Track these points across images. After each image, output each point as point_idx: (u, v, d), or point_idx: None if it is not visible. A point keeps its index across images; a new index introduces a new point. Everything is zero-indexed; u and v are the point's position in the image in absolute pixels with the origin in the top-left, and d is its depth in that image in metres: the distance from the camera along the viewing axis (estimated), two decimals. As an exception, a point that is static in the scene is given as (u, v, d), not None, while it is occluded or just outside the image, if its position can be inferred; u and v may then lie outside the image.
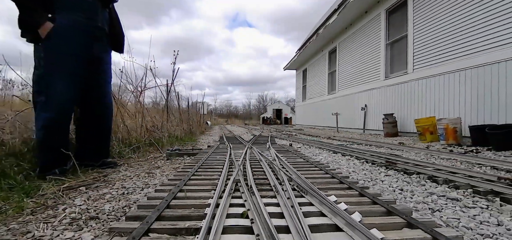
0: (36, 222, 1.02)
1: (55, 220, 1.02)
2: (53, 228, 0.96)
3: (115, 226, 0.80)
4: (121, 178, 1.74)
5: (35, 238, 0.88)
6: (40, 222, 1.01)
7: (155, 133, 3.63)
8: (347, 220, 0.78)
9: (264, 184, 1.29)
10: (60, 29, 1.77)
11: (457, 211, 1.09)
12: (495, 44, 3.75)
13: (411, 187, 1.47)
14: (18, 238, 0.88)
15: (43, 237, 0.89)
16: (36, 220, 1.04)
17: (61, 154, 1.82)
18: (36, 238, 0.88)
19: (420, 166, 1.97)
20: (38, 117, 1.78)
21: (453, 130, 4.02)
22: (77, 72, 1.86)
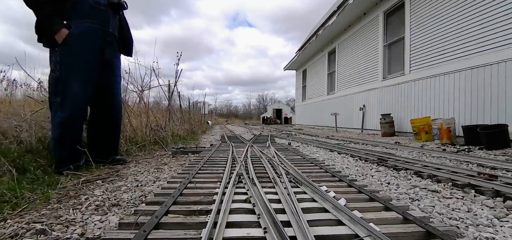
0: (65, 209, 1.17)
1: (82, 207, 1.17)
2: (82, 213, 1.11)
3: (139, 209, 0.95)
4: (132, 173, 1.89)
5: (68, 221, 1.03)
6: (68, 209, 1.16)
7: (159, 132, 3.78)
8: (334, 204, 0.93)
9: (264, 177, 1.44)
10: (75, 35, 1.92)
11: (434, 201, 1.24)
12: (488, 46, 3.90)
13: (397, 181, 1.62)
14: (53, 221, 1.03)
15: (74, 219, 1.04)
16: (64, 207, 1.19)
17: (76, 151, 1.97)
18: (69, 221, 1.03)
19: (410, 163, 2.13)
20: (55, 116, 1.94)
21: (447, 130, 4.17)
22: (90, 75, 2.01)
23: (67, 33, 1.89)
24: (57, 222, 1.01)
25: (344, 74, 8.63)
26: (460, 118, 4.36)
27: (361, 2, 6.83)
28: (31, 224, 1.00)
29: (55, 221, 1.02)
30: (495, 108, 3.86)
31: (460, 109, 4.40)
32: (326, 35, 9.30)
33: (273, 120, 30.37)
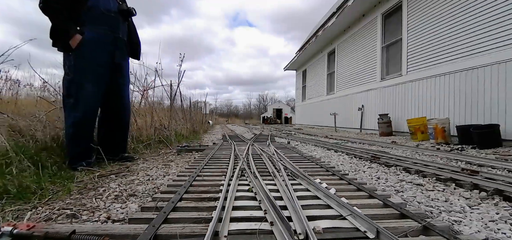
0: (87, 198, 1.32)
1: (102, 197, 1.32)
2: (103, 201, 1.26)
3: (156, 196, 1.10)
4: (142, 169, 2.04)
5: (93, 207, 1.18)
6: (90, 198, 1.31)
7: (163, 132, 3.93)
8: (325, 193, 1.08)
9: (264, 171, 1.59)
10: (88, 40, 2.07)
11: (417, 192, 1.39)
12: (482, 49, 4.05)
13: (387, 176, 1.77)
14: (80, 208, 1.18)
15: (98, 206, 1.19)
16: (86, 197, 1.34)
17: (88, 149, 2.12)
18: (94, 207, 1.18)
19: (401, 160, 2.27)
20: (68, 116, 2.08)
21: (442, 130, 4.32)
22: (102, 78, 2.16)
23: (80, 39, 2.04)
24: (84, 209, 1.16)
25: (343, 75, 8.78)
26: (455, 118, 4.50)
27: (360, 4, 6.97)
28: (61, 210, 1.15)
29: (82, 208, 1.17)
30: (488, 108, 4.00)
31: (455, 109, 4.54)
32: (326, 36, 9.45)
33: (273, 120, 30.51)
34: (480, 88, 4.12)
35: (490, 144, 3.62)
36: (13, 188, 1.35)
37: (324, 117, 10.24)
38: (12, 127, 2.30)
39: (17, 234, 0.75)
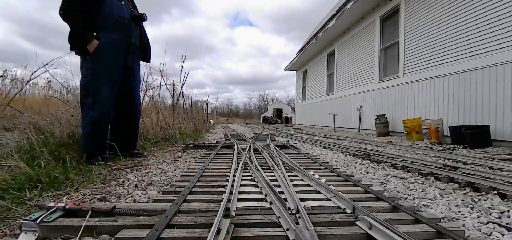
0: (111, 187, 1.52)
1: (124, 185, 1.52)
2: (125, 189, 1.46)
3: (173, 184, 1.30)
4: (153, 164, 2.24)
5: (118, 194, 1.38)
6: (114, 187, 1.51)
7: (167, 130, 4.13)
8: (316, 182, 1.27)
9: (265, 165, 1.79)
10: (104, 45, 2.26)
11: (399, 184, 1.59)
12: (474, 53, 4.23)
13: (375, 170, 1.97)
14: (107, 194, 1.38)
15: (122, 193, 1.39)
16: (110, 186, 1.54)
17: (103, 145, 2.32)
18: (119, 194, 1.38)
19: (391, 158, 2.47)
20: (86, 115, 2.28)
21: (435, 130, 4.51)
22: (116, 79, 2.36)
23: (97, 44, 2.23)
24: (110, 194, 1.36)
25: (343, 76, 8.96)
26: (448, 119, 4.69)
27: (359, 7, 7.15)
28: (92, 196, 1.35)
29: (109, 194, 1.37)
30: (480, 109, 4.19)
31: (449, 111, 4.73)
32: (326, 38, 9.63)
33: (274, 119, 30.71)
34: (472, 90, 4.30)
35: (480, 144, 3.81)
36: (45, 178, 1.56)
37: (323, 117, 10.43)
38: (33, 125, 2.50)
39: (69, 209, 0.95)
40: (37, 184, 1.51)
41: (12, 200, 1.29)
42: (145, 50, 2.63)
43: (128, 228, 0.81)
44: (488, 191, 1.40)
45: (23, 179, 1.47)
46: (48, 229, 0.84)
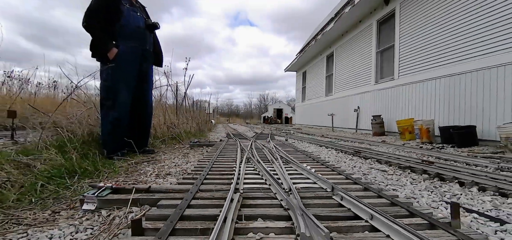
0: (135, 176, 1.81)
1: (146, 175, 1.82)
2: (148, 177, 1.75)
3: (190, 172, 1.60)
4: (165, 159, 2.54)
5: (143, 181, 1.67)
6: (138, 176, 1.81)
7: (173, 130, 4.42)
8: (307, 171, 1.57)
9: (265, 159, 2.09)
10: (122, 53, 2.56)
11: (378, 175, 1.88)
12: (463, 58, 4.52)
13: (361, 165, 2.26)
14: (134, 181, 1.67)
15: (147, 180, 1.68)
16: (134, 176, 1.83)
17: (122, 143, 2.61)
18: (144, 181, 1.67)
19: (379, 155, 2.76)
20: (106, 116, 2.57)
21: (426, 130, 4.80)
22: (132, 83, 2.65)
23: (116, 52, 2.53)
24: (137, 182, 1.66)
25: (341, 77, 9.25)
26: (439, 120, 4.97)
27: (357, 11, 7.44)
28: (123, 182, 1.64)
29: (136, 181, 1.66)
30: (468, 111, 4.48)
31: (440, 112, 5.02)
32: (325, 40, 9.92)
33: (274, 119, 31.01)
34: (461, 92, 4.59)
35: (467, 143, 4.10)
36: (79, 169, 1.85)
37: (322, 118, 10.72)
38: (57, 124, 2.80)
39: (115, 188, 1.24)
40: (73, 174, 1.80)
41: (58, 185, 1.58)
42: (158, 56, 2.93)
43: (164, 200, 1.10)
44: (451, 180, 1.69)
45: (62, 170, 1.77)
46: (102, 202, 1.14)
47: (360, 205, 0.94)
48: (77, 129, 2.84)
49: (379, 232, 0.79)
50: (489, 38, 4.09)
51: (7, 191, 1.43)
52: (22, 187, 1.51)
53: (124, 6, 2.59)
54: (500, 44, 3.91)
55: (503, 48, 3.87)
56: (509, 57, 3.80)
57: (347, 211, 0.97)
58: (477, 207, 1.22)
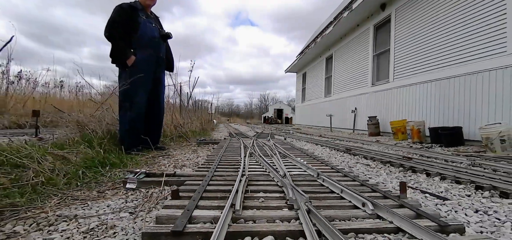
0: (156, 167, 2.16)
1: (165, 166, 2.17)
2: (167, 168, 2.10)
3: (201, 164, 1.95)
4: (177, 154, 2.89)
5: (160, 170, 2.01)
6: (158, 167, 2.15)
7: (180, 129, 4.78)
8: (301, 163, 1.92)
9: (265, 154, 2.44)
10: (139, 60, 2.91)
11: (361, 168, 2.23)
12: (451, 63, 4.86)
13: (349, 160, 2.61)
14: (155, 170, 2.02)
15: (166, 170, 2.02)
16: (154, 166, 2.18)
17: (138, 139, 2.96)
18: (160, 170, 2.01)
19: (368, 152, 3.11)
20: (124, 116, 2.92)
21: (417, 131, 5.14)
22: (148, 87, 3.00)
23: (134, 59, 2.88)
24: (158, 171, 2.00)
25: (340, 79, 9.60)
26: (431, 121, 5.32)
27: (354, 15, 7.78)
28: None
29: (156, 171, 2.01)
30: (456, 113, 4.82)
31: (430, 113, 5.37)
32: (324, 43, 10.27)
33: (274, 120, 31.37)
34: (450, 95, 4.93)
35: (454, 143, 4.44)
36: (109, 161, 2.20)
37: (321, 118, 11.06)
38: (79, 123, 3.15)
39: (148, 172, 1.59)
40: (103, 165, 2.15)
41: (94, 173, 1.93)
42: (169, 62, 3.28)
43: (188, 181, 1.45)
44: (421, 172, 2.04)
45: (95, 161, 2.12)
46: (140, 183, 1.49)
47: (335, 184, 1.28)
48: (97, 127, 3.20)
49: (344, 200, 1.14)
50: (473, 46, 4.44)
51: (56, 176, 1.78)
52: (67, 174, 1.86)
53: (141, 18, 2.94)
54: (483, 52, 4.26)
55: (485, 56, 4.22)
56: (489, 64, 4.16)
57: (325, 189, 1.32)
58: (432, 191, 1.57)
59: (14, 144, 2.12)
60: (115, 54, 2.90)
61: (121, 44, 2.85)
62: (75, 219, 1.11)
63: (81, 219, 1.11)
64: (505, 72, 4.01)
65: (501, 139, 3.67)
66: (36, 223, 1.09)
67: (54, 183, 1.67)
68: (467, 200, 1.40)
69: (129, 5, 2.92)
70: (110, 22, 2.83)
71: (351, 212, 1.00)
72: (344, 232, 0.81)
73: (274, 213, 0.97)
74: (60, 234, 0.97)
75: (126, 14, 2.86)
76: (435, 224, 0.89)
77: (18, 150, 1.97)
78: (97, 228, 1.01)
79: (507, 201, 1.40)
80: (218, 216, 0.89)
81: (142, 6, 3.01)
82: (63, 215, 1.16)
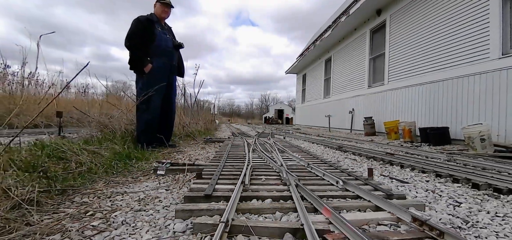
0: (172, 158, 2.56)
1: (180, 159, 2.57)
2: (183, 160, 2.51)
3: (211, 158, 2.36)
4: (188, 151, 3.30)
5: (178, 160, 2.42)
6: (174, 159, 2.56)
7: (187, 129, 5.19)
8: (296, 157, 2.33)
9: (266, 150, 2.85)
10: (155, 67, 3.32)
11: (348, 161, 2.63)
12: (441, 67, 5.25)
13: (340, 155, 3.01)
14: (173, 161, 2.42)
15: (180, 160, 2.43)
16: (171, 158, 2.59)
17: (154, 138, 3.38)
18: (178, 161, 2.42)
19: (358, 150, 3.50)
20: (141, 117, 3.33)
21: (409, 131, 5.54)
22: (162, 92, 3.41)
23: (150, 67, 3.29)
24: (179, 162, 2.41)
25: (338, 81, 10.00)
26: (421, 121, 5.71)
27: (352, 20, 8.18)
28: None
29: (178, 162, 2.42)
30: (444, 114, 5.21)
31: (421, 114, 5.76)
32: (323, 45, 10.67)
33: (275, 120, 31.78)
34: (439, 98, 5.33)
35: (441, 142, 4.83)
36: (134, 155, 2.62)
37: (321, 119, 11.46)
38: (100, 123, 3.57)
39: (173, 163, 2.00)
40: (130, 158, 2.56)
41: (124, 165, 2.34)
42: (180, 69, 3.70)
43: (205, 170, 1.86)
44: (397, 165, 2.44)
45: (123, 155, 2.53)
46: (167, 170, 1.90)
47: (319, 170, 1.69)
48: (116, 127, 3.62)
49: (325, 180, 1.55)
50: (460, 52, 4.84)
51: (94, 166, 2.20)
52: (103, 165, 2.27)
53: (157, 30, 3.36)
54: (468, 58, 4.65)
55: (470, 61, 4.62)
56: (474, 68, 4.55)
57: (312, 174, 1.73)
58: (399, 177, 1.97)
59: (55, 141, 2.54)
60: (134, 62, 3.31)
61: (139, 53, 3.25)
62: (126, 194, 1.52)
63: (130, 193, 1.52)
64: (487, 76, 4.41)
65: (481, 138, 4.06)
66: (97, 197, 1.50)
67: (94, 171, 2.09)
68: (424, 184, 1.80)
69: (146, 18, 3.33)
70: (129, 34, 3.24)
71: (327, 187, 1.41)
72: (320, 197, 1.21)
73: (272, 187, 1.38)
74: (120, 201, 1.38)
75: (143, 26, 3.27)
76: (384, 193, 1.30)
77: (60, 146, 2.39)
78: (145, 198, 1.42)
79: (456, 185, 1.80)
80: (233, 188, 1.30)
81: (157, 18, 3.43)
82: (115, 192, 1.57)
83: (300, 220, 0.95)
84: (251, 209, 1.07)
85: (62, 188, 1.61)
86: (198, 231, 0.90)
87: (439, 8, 5.32)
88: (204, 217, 0.98)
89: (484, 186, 1.68)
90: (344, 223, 0.87)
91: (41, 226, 1.04)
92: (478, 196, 1.54)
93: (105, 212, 1.21)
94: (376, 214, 1.05)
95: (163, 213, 1.17)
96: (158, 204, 1.30)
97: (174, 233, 0.93)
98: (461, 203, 1.39)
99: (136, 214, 1.17)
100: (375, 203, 1.15)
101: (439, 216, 1.17)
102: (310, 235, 0.80)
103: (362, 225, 0.96)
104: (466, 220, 1.15)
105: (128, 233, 0.97)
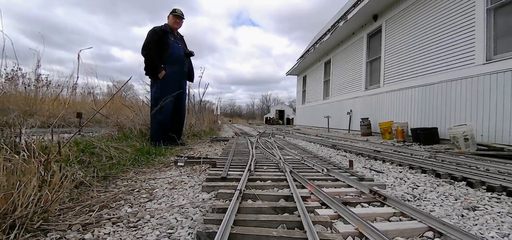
0: (184, 154, 2.99)
1: (193, 153, 3.00)
2: (198, 154, 2.93)
3: (220, 154, 2.79)
4: (197, 148, 3.72)
5: (190, 155, 2.85)
6: (187, 154, 2.98)
7: (193, 128, 5.62)
8: (292, 153, 2.75)
9: (267, 147, 3.27)
10: (168, 74, 3.74)
11: (339, 157, 3.05)
12: (432, 71, 5.65)
13: (332, 152, 3.43)
14: (185, 151, 2.85)
15: (193, 155, 2.85)
16: (184, 154, 3.01)
17: (165, 137, 3.80)
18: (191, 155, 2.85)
19: (350, 148, 3.92)
20: (154, 118, 3.75)
21: (401, 131, 5.94)
22: (174, 96, 3.84)
23: (164, 73, 3.72)
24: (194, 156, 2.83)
25: (337, 83, 10.41)
26: (413, 122, 6.11)
27: (350, 24, 8.58)
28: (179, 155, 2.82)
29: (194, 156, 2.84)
30: (435, 115, 5.61)
31: (414, 115, 6.16)
32: (322, 49, 11.08)
33: (276, 120, 32.21)
34: (430, 100, 5.72)
35: (430, 142, 5.24)
36: (152, 151, 3.04)
37: (320, 119, 11.87)
38: (118, 124, 4.00)
39: (190, 156, 2.42)
40: (150, 154, 2.99)
41: (146, 159, 2.77)
42: (190, 75, 4.13)
43: (218, 162, 2.28)
44: (379, 159, 2.85)
45: (144, 151, 2.96)
46: (186, 163, 2.32)
47: (311, 162, 2.11)
48: (133, 127, 4.05)
49: (314, 169, 1.97)
50: (449, 57, 5.25)
51: (122, 160, 2.62)
52: (128, 159, 2.69)
53: (170, 39, 3.79)
54: (456, 62, 5.06)
55: (458, 66, 5.02)
56: (461, 73, 4.96)
57: (304, 165, 2.15)
58: (377, 169, 2.38)
59: (86, 139, 2.97)
60: (149, 69, 3.74)
61: (155, 61, 3.67)
62: (156, 179, 1.95)
63: (160, 179, 1.94)
64: (473, 80, 4.81)
65: (464, 138, 4.47)
66: (134, 181, 1.93)
67: (123, 163, 2.51)
68: (397, 173, 2.22)
69: (160, 29, 3.76)
70: (146, 44, 3.67)
71: (315, 174, 1.84)
72: (308, 180, 1.63)
73: (271, 173, 1.81)
74: (154, 182, 1.81)
75: (158, 36, 3.70)
76: (357, 177, 1.72)
77: (91, 143, 2.82)
78: (173, 182, 1.84)
79: (423, 175, 2.21)
80: (242, 173, 1.72)
81: (170, 28, 3.85)
82: (147, 178, 2.00)
83: (291, 192, 1.37)
84: (256, 186, 1.50)
85: (104, 175, 2.04)
86: (220, 198, 1.32)
87: (430, 16, 5.73)
88: (223, 189, 1.41)
89: (445, 175, 2.09)
90: (321, 193, 1.29)
91: (106, 197, 1.47)
92: (437, 182, 1.96)
93: (147, 189, 1.63)
94: (346, 189, 1.47)
95: (190, 190, 1.60)
96: (184, 185, 1.73)
97: (203, 200, 1.35)
98: (419, 186, 1.81)
99: (171, 191, 1.59)
100: (348, 183, 1.57)
101: (396, 193, 1.59)
102: (297, 198, 1.23)
103: (334, 195, 1.38)
104: (415, 196, 1.56)
105: (170, 201, 1.39)
